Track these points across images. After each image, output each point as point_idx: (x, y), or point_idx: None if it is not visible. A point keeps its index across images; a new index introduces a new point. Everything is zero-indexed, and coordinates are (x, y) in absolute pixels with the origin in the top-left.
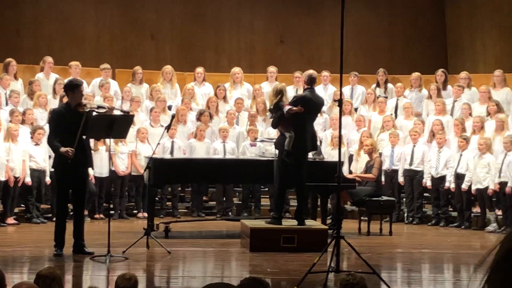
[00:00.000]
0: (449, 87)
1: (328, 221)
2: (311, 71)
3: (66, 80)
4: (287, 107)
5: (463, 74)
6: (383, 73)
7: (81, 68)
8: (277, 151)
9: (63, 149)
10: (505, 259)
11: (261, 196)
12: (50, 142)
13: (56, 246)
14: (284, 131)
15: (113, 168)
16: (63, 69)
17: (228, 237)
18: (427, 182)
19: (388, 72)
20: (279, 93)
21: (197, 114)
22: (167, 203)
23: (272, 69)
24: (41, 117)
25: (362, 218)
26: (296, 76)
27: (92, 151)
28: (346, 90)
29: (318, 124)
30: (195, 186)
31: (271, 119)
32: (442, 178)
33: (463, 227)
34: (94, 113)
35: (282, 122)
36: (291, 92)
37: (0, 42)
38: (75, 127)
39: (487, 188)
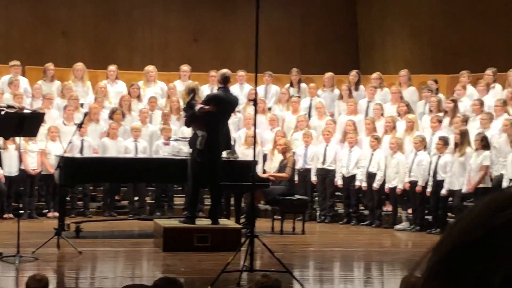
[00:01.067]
0: (361, 87)
1: (242, 220)
2: (225, 70)
3: None
4: (198, 106)
5: (375, 74)
6: (296, 72)
7: None
8: (190, 150)
9: None
10: (443, 263)
11: (174, 195)
12: None
13: None
14: (197, 130)
15: (23, 167)
16: None
17: (140, 237)
18: (338, 181)
19: (301, 72)
20: (191, 91)
21: (110, 113)
22: (78, 202)
23: (185, 67)
24: None
25: (275, 217)
26: (212, 75)
27: (1, 150)
28: (260, 89)
29: (232, 123)
30: (107, 185)
31: (185, 118)
32: (353, 177)
33: (374, 225)
34: (3, 112)
35: (195, 121)
36: (206, 91)
37: None
38: None
39: (396, 186)
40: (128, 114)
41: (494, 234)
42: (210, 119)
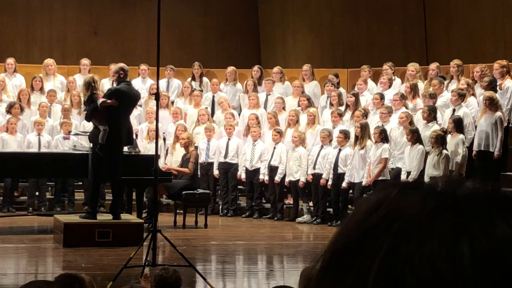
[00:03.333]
0: (263, 82)
1: (144, 215)
2: (122, 64)
3: None
4: (100, 100)
5: (276, 69)
6: (198, 66)
7: None
8: (91, 145)
9: None
10: (331, 262)
11: (75, 190)
12: None
13: None
14: (98, 124)
15: None
16: None
17: (40, 233)
18: (242, 174)
19: (203, 65)
20: (89, 85)
21: (7, 107)
22: None
23: (85, 61)
24: None
25: (178, 211)
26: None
27: None
28: (162, 83)
29: (134, 117)
30: (6, 180)
31: (86, 112)
32: (257, 171)
33: (276, 218)
34: None
35: (96, 115)
36: (106, 85)
37: None
38: None
39: (299, 180)
40: (27, 107)
41: (368, 234)
42: (112, 113)
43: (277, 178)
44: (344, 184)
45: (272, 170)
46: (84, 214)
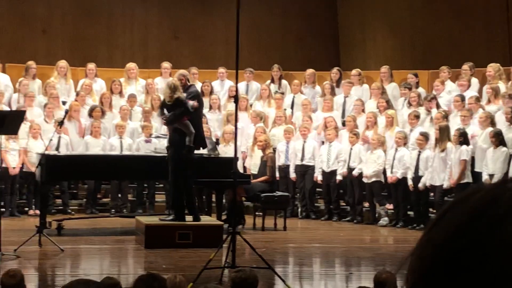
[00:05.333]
0: (341, 83)
1: (224, 217)
2: (182, 70)
3: None
4: (190, 102)
5: (354, 71)
6: (277, 69)
7: None
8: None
9: None
10: (428, 275)
11: (156, 192)
12: None
13: None
14: (183, 127)
15: (4, 165)
16: None
17: (122, 234)
18: (318, 177)
19: (281, 68)
20: (176, 88)
21: (89, 110)
22: (56, 200)
23: (166, 64)
24: None
25: (256, 213)
26: (194, 73)
27: None
28: (242, 86)
29: (214, 120)
30: (89, 183)
31: (162, 116)
32: (333, 173)
33: (355, 221)
34: None
35: (184, 118)
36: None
37: None
38: None
39: (375, 182)
40: (109, 111)
41: (478, 241)
42: (195, 116)
43: (355, 174)
44: (420, 185)
45: (350, 172)
46: (172, 217)
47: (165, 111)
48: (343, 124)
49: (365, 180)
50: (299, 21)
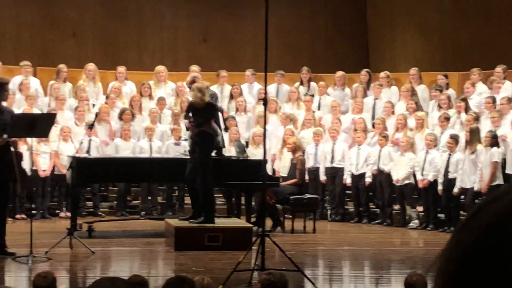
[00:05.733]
0: (371, 85)
1: (253, 219)
2: (194, 73)
3: None
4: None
5: (383, 74)
6: (306, 71)
7: (1, 66)
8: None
9: None
10: (459, 274)
11: (185, 195)
12: None
13: None
14: (210, 129)
15: (34, 168)
16: None
17: (152, 236)
18: (347, 179)
19: (310, 70)
20: (205, 91)
21: (119, 113)
22: (87, 202)
23: (194, 68)
24: None
25: (286, 215)
26: (223, 76)
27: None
28: (272, 88)
29: (241, 122)
30: (119, 185)
31: (189, 118)
32: (362, 176)
33: (385, 224)
34: None
35: (213, 120)
36: (215, 91)
37: None
38: None
39: (407, 184)
40: (139, 114)
41: (507, 242)
42: (218, 119)
43: (389, 176)
44: (455, 190)
45: (380, 174)
46: (202, 219)
47: (189, 114)
48: (373, 126)
49: (396, 183)
50: (328, 22)
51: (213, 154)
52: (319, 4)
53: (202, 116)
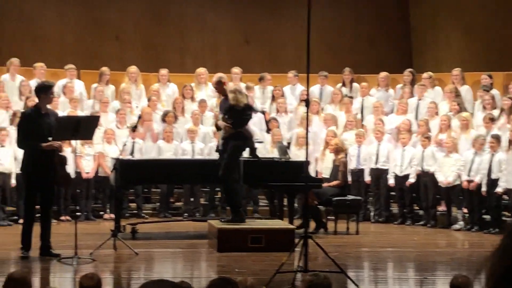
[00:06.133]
0: (414, 86)
1: (297, 222)
2: (221, 74)
3: (38, 82)
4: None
5: (426, 74)
6: (348, 72)
7: (45, 69)
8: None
9: (46, 144)
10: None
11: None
12: (22, 144)
13: (23, 248)
14: (245, 131)
15: (78, 170)
16: (28, 70)
17: (195, 238)
18: (391, 180)
19: (353, 71)
20: (243, 92)
21: (162, 115)
22: (131, 204)
23: (236, 70)
24: (3, 119)
25: (328, 217)
26: (268, 79)
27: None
28: (315, 89)
29: (282, 123)
30: (162, 187)
31: (228, 119)
32: (407, 177)
33: (429, 225)
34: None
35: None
36: (258, 93)
37: None
38: (44, 129)
39: (453, 186)
40: (182, 116)
41: None
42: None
43: (433, 178)
44: (499, 190)
45: (424, 175)
46: (231, 218)
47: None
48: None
49: (442, 184)
50: (371, 23)
51: (246, 155)
52: (362, 5)
53: (240, 117)
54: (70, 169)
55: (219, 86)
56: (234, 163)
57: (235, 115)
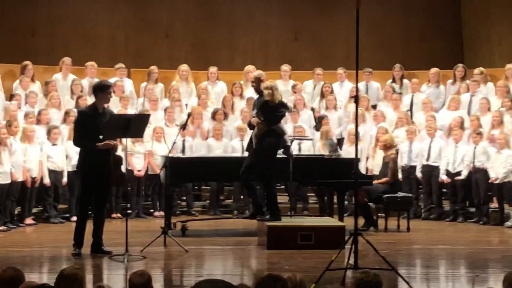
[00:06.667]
0: (466, 82)
1: (348, 220)
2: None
3: (96, 81)
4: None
5: (477, 70)
6: (399, 68)
7: (96, 68)
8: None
9: (101, 144)
10: None
11: (278, 194)
12: (78, 143)
13: (75, 245)
14: (278, 128)
15: (129, 168)
16: (79, 69)
17: (245, 235)
18: (443, 177)
19: (403, 67)
20: (278, 89)
21: (212, 113)
22: (180, 202)
23: (285, 67)
24: (55, 118)
25: (379, 214)
26: (318, 73)
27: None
28: (361, 86)
29: (333, 120)
30: (212, 184)
31: (261, 116)
32: (459, 174)
33: (481, 222)
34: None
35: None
36: (309, 88)
37: (16, 43)
38: (100, 128)
39: (505, 183)
40: (231, 113)
41: None
42: None
43: (486, 174)
44: None
45: (476, 172)
46: (269, 217)
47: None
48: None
49: (494, 181)
50: (422, 18)
51: (280, 152)
52: (412, 0)
53: (273, 114)
54: (121, 167)
55: (257, 84)
56: (271, 162)
57: (269, 112)
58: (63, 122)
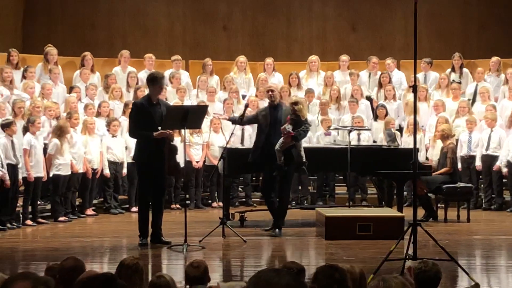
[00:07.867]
0: None
1: (406, 211)
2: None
3: (149, 73)
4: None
5: None
6: (458, 57)
7: (154, 60)
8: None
9: (157, 133)
10: None
11: (336, 184)
12: (135, 134)
13: (141, 235)
14: (298, 144)
15: (188, 159)
16: (137, 61)
17: (303, 226)
18: (503, 168)
19: (463, 56)
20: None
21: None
22: (239, 192)
23: (344, 57)
24: (116, 110)
25: (439, 205)
26: (374, 62)
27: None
28: (419, 76)
29: (392, 110)
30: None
31: (292, 131)
32: None
33: None
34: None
35: None
36: (364, 77)
37: (76, 35)
38: (154, 119)
39: None
40: None
41: None
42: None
43: None
44: None
45: None
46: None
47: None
48: None
49: None
50: (481, 6)
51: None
52: None
53: (303, 130)
54: (180, 158)
55: (275, 96)
56: (293, 175)
57: (299, 127)
58: (123, 114)
